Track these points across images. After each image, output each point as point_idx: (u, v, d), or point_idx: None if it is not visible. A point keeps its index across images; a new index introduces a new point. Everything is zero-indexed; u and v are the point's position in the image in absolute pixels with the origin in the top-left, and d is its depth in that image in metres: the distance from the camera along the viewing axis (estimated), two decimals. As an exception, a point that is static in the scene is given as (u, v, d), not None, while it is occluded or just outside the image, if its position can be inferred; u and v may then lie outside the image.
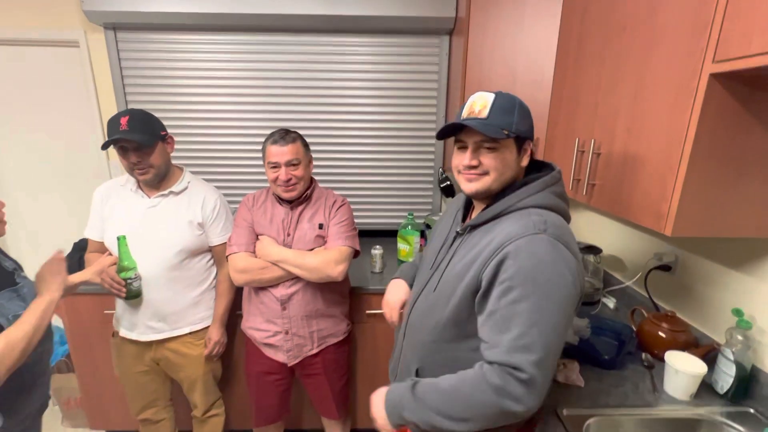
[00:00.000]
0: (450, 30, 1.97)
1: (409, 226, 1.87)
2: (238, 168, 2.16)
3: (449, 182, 1.97)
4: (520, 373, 0.69)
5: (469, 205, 0.97)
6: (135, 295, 1.31)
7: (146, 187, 1.36)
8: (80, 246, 1.69)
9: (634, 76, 0.97)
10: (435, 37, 2.01)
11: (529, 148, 0.85)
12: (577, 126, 1.22)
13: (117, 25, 1.91)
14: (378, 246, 1.80)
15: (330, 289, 1.41)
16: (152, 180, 1.31)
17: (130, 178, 1.36)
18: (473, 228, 0.86)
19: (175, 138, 1.42)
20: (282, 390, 1.50)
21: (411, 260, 1.30)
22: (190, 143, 2.10)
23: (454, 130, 0.84)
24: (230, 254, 1.35)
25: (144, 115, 1.28)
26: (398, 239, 1.90)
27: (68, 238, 1.78)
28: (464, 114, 0.83)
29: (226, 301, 1.47)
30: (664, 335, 1.14)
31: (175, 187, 1.37)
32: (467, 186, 0.85)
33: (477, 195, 0.86)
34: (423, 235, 1.96)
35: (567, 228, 0.79)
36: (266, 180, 1.35)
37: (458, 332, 0.84)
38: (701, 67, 0.77)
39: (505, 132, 0.78)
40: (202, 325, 1.45)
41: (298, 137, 1.34)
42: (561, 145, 1.29)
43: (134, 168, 1.27)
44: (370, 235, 2.19)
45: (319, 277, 1.30)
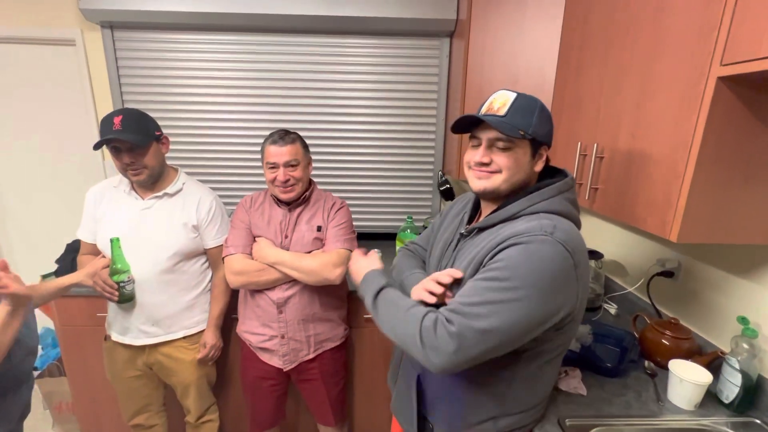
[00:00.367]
0: (451, 32, 1.96)
1: (408, 230, 1.85)
2: (236, 170, 2.13)
3: (449, 185, 1.95)
4: (450, 325, 0.70)
5: (476, 208, 0.94)
6: (128, 299, 1.28)
7: (140, 188, 1.33)
8: (73, 247, 1.66)
9: (638, 79, 0.96)
10: (435, 39, 2.00)
11: (545, 154, 0.82)
12: (579, 130, 1.20)
13: (114, 24, 1.89)
14: (377, 249, 1.77)
15: (327, 293, 1.38)
16: (146, 181, 1.28)
17: (123, 179, 1.33)
18: (480, 230, 0.84)
19: (172, 139, 1.40)
20: (278, 395, 1.47)
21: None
22: (187, 144, 2.07)
23: (470, 125, 0.82)
24: (226, 256, 1.32)
25: (138, 115, 1.26)
26: (397, 242, 1.88)
27: (62, 238, 1.75)
28: (483, 110, 0.81)
29: (221, 305, 1.44)
30: (667, 342, 1.12)
31: (169, 189, 1.34)
32: (476, 183, 0.83)
33: (485, 193, 0.83)
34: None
35: (577, 235, 0.77)
36: (265, 182, 1.33)
37: None
38: (708, 70, 0.76)
39: (521, 132, 0.76)
40: (197, 329, 1.42)
41: (297, 138, 1.32)
42: (562, 149, 1.28)
43: (128, 169, 1.25)
44: (368, 238, 2.17)
45: (316, 280, 1.28)
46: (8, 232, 2.22)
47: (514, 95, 0.79)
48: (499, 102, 0.79)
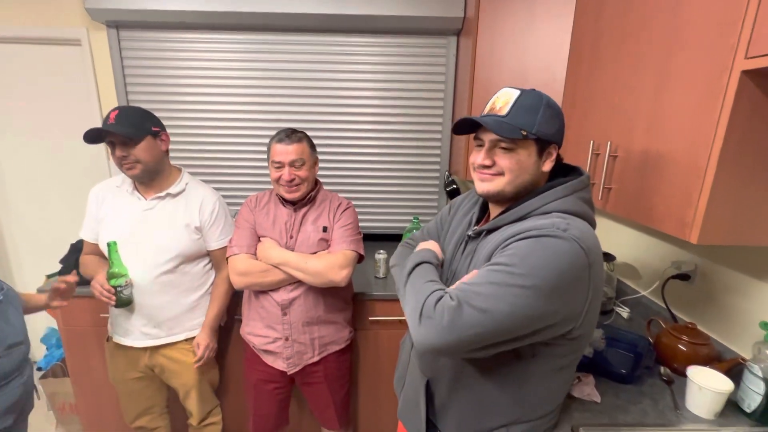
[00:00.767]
0: (458, 30, 1.94)
1: (415, 230, 1.82)
2: (242, 169, 2.12)
3: (455, 185, 1.92)
4: (451, 301, 0.69)
5: (484, 209, 0.91)
6: (125, 303, 1.25)
7: (142, 187, 1.32)
8: (77, 247, 1.65)
9: (654, 75, 0.92)
10: (442, 37, 1.98)
11: (555, 152, 0.79)
12: (591, 128, 1.17)
13: (119, 23, 1.89)
14: (382, 251, 1.75)
15: (332, 295, 1.36)
16: (141, 176, 1.26)
17: (126, 178, 1.32)
18: (489, 232, 0.81)
19: (178, 138, 1.38)
20: (281, 399, 1.45)
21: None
22: (193, 143, 2.06)
23: (473, 126, 0.79)
24: (231, 256, 1.30)
25: (135, 110, 1.25)
26: (403, 244, 1.85)
27: (67, 238, 1.75)
28: (486, 110, 0.79)
29: (219, 306, 1.41)
30: (684, 348, 1.08)
31: (172, 189, 1.33)
32: (480, 186, 0.81)
33: (489, 196, 0.81)
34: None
35: (593, 235, 0.73)
36: (271, 182, 1.31)
37: None
38: (732, 63, 0.72)
39: (523, 132, 0.73)
40: (198, 331, 1.40)
41: (304, 137, 1.30)
42: (573, 147, 1.24)
43: (122, 163, 1.23)
44: (374, 239, 2.14)
45: (321, 281, 1.25)
46: (14, 232, 2.23)
47: (517, 93, 0.76)
48: (502, 101, 0.77)
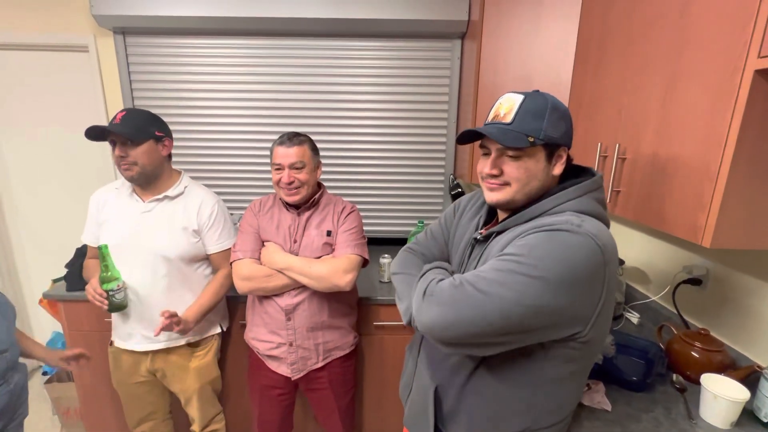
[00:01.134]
0: (462, 34, 1.93)
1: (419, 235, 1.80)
2: (246, 174, 2.12)
3: (460, 189, 1.91)
4: (454, 280, 0.69)
5: (493, 211, 0.89)
6: (117, 307, 1.24)
7: (140, 190, 1.32)
8: (83, 252, 1.66)
9: (663, 76, 0.91)
10: (447, 41, 1.97)
11: (564, 155, 0.76)
12: (598, 130, 1.15)
13: (126, 30, 1.91)
14: (387, 255, 1.74)
15: (337, 300, 1.34)
16: (137, 179, 1.26)
17: (125, 182, 1.32)
18: (498, 234, 0.79)
19: (182, 143, 1.38)
20: (286, 405, 1.43)
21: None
22: (199, 148, 2.07)
23: (477, 134, 0.77)
24: (234, 260, 1.29)
25: (142, 113, 1.26)
26: (408, 248, 1.83)
27: (73, 242, 1.75)
28: (490, 117, 0.77)
29: (213, 297, 1.34)
30: (697, 355, 1.05)
31: (170, 192, 1.32)
32: (489, 195, 0.79)
33: (499, 206, 0.80)
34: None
35: (608, 234, 0.71)
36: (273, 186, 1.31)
37: None
38: (744, 63, 0.71)
39: (530, 139, 0.71)
40: (200, 336, 1.40)
41: (306, 140, 1.29)
42: (580, 150, 1.22)
43: (120, 163, 1.23)
44: (378, 243, 2.13)
45: (326, 286, 1.24)
46: (21, 236, 2.24)
47: (521, 98, 0.74)
48: (505, 107, 0.74)
